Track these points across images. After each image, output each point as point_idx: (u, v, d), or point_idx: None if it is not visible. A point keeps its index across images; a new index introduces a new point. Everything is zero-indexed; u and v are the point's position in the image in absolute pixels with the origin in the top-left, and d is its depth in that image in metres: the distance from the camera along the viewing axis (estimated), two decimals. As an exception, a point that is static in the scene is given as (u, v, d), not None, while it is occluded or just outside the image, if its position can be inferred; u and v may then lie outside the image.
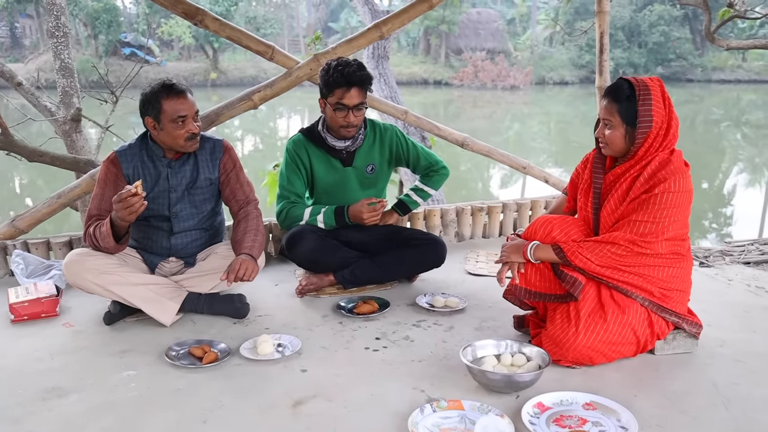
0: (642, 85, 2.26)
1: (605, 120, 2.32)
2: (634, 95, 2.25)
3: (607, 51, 3.99)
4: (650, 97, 2.24)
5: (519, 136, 20.01)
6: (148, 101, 2.66)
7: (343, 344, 2.54)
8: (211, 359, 2.36)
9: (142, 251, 2.90)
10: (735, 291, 3.14)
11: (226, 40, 3.45)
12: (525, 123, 22.62)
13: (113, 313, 2.73)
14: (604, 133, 2.33)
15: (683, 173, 2.24)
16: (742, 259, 3.90)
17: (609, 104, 2.30)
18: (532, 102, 26.95)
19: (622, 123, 2.28)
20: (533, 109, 25.39)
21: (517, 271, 2.41)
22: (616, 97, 2.28)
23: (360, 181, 3.13)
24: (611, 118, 2.30)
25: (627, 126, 2.27)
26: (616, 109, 2.28)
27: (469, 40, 31.57)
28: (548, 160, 16.64)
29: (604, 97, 2.33)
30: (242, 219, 2.83)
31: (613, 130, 2.30)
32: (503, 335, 2.61)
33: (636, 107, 2.25)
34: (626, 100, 2.26)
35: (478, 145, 4.10)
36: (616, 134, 2.30)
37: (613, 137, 2.30)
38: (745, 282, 3.26)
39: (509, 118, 23.39)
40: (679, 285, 2.34)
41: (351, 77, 2.83)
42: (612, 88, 2.32)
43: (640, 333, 2.30)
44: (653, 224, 2.22)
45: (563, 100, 27.41)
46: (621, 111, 2.27)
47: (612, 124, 2.30)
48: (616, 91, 2.29)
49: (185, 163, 2.81)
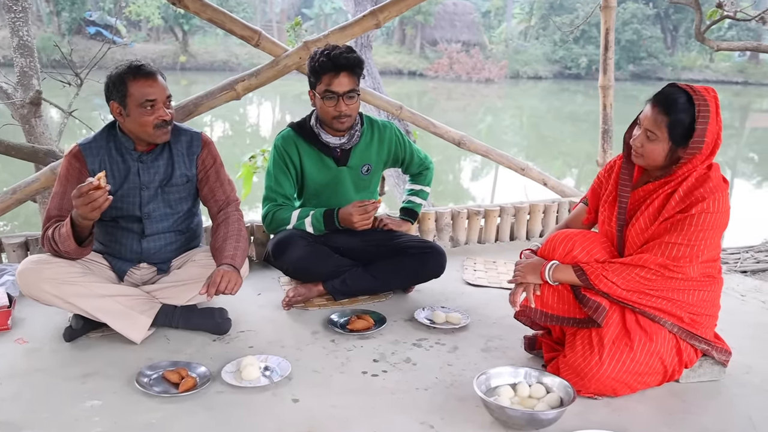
0: (702, 100, 1.98)
1: (648, 131, 2.04)
2: (691, 110, 1.99)
3: (612, 48, 3.78)
4: (708, 115, 1.98)
5: (491, 129, 19.90)
6: (114, 84, 2.36)
7: (337, 367, 2.28)
8: (189, 386, 2.08)
9: (110, 257, 2.59)
10: (751, 309, 2.96)
11: (200, 23, 3.14)
12: (498, 116, 22.54)
13: (75, 328, 2.42)
14: (643, 143, 2.07)
15: (722, 191, 2.02)
16: (739, 268, 3.76)
17: (658, 115, 2.01)
18: (506, 95, 26.89)
19: (668, 139, 2.02)
20: (507, 103, 25.33)
21: (533, 294, 2.17)
22: (669, 109, 2.00)
23: (354, 182, 2.86)
24: (657, 132, 2.02)
25: (673, 144, 2.02)
26: (666, 123, 2.01)
27: (445, 31, 31.30)
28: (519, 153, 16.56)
29: (654, 105, 2.03)
30: (222, 222, 2.54)
31: (655, 144, 2.04)
32: (513, 357, 2.38)
33: (690, 124, 1.98)
34: (681, 113, 1.99)
35: (476, 145, 3.85)
36: (657, 149, 2.04)
37: (654, 152, 2.05)
38: (759, 299, 3.07)
39: (482, 111, 23.28)
40: (708, 309, 2.14)
41: (338, 60, 2.57)
42: (665, 97, 2.02)
43: (668, 362, 2.09)
44: (687, 247, 2.00)
45: (537, 95, 27.41)
46: (671, 127, 2.00)
47: (656, 138, 2.03)
48: (669, 102, 2.01)
49: (158, 157, 2.50)
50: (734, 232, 9.00)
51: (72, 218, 2.27)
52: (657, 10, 31.63)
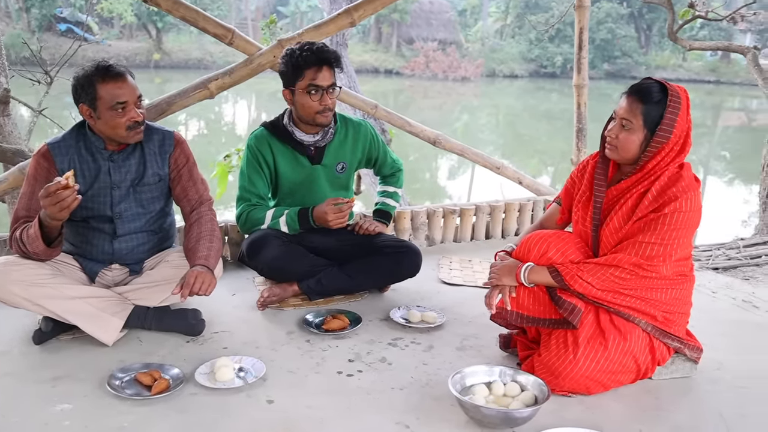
0: (675, 93, 2.03)
1: (624, 120, 2.06)
2: (665, 100, 2.03)
3: (587, 48, 3.81)
4: (679, 107, 2.03)
5: (467, 127, 19.98)
6: (82, 86, 2.31)
7: (312, 367, 2.27)
8: (162, 388, 2.05)
9: (80, 258, 2.54)
10: (722, 306, 3.01)
11: (173, 20, 3.09)
12: (474, 114, 22.64)
13: (44, 331, 2.37)
14: (618, 134, 2.08)
15: (694, 190, 2.05)
16: (711, 265, 3.81)
17: (634, 103, 2.05)
18: (482, 94, 27.00)
19: (643, 127, 2.04)
20: (483, 101, 25.45)
21: (509, 296, 2.18)
22: (645, 98, 2.03)
23: (329, 180, 2.84)
24: (632, 120, 2.05)
25: (648, 132, 2.05)
26: (641, 111, 2.03)
27: (421, 29, 31.31)
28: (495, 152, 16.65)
29: (630, 95, 2.07)
30: (195, 222, 2.51)
31: (630, 133, 2.06)
32: (488, 356, 2.38)
33: (662, 113, 2.02)
34: (655, 103, 2.03)
35: (451, 143, 3.86)
36: (632, 139, 2.06)
37: (629, 141, 2.06)
38: (730, 296, 3.13)
39: (459, 110, 23.37)
40: (681, 307, 2.17)
41: (321, 54, 2.57)
42: (641, 87, 2.07)
43: (641, 360, 2.11)
44: (661, 246, 2.02)
45: (513, 93, 27.58)
46: (646, 114, 2.03)
47: (632, 126, 2.05)
48: (645, 91, 2.04)
49: (130, 156, 2.46)
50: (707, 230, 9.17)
51: (40, 218, 2.22)
52: (631, 10, 31.99)
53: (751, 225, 8.34)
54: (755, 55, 5.25)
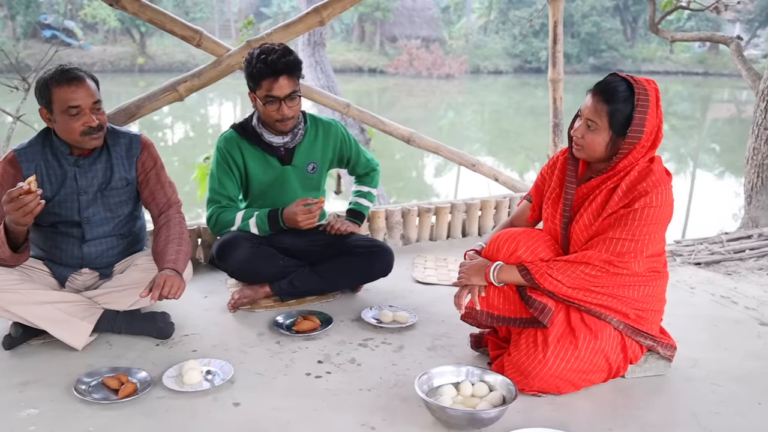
0: (642, 90, 2.00)
1: (589, 121, 2.04)
2: (631, 99, 2.00)
3: (561, 41, 3.80)
4: (647, 104, 1.99)
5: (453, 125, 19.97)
6: (40, 90, 2.30)
7: (281, 369, 2.25)
8: (129, 392, 2.03)
9: (50, 263, 2.52)
10: (699, 301, 3.00)
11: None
12: (459, 112, 22.62)
13: (14, 336, 2.35)
14: (583, 133, 2.07)
15: (665, 184, 2.03)
16: (693, 260, 3.82)
17: (598, 104, 2.02)
18: (466, 91, 26.98)
19: (608, 128, 2.02)
20: (468, 98, 25.43)
21: (478, 296, 2.17)
22: (609, 98, 2.00)
23: (300, 181, 2.83)
24: (597, 121, 2.02)
25: (613, 133, 2.03)
26: (606, 111, 2.01)
27: (404, 27, 31.26)
28: (481, 149, 16.67)
29: (595, 94, 2.03)
30: (163, 225, 2.49)
31: (595, 134, 2.04)
32: (459, 356, 2.38)
33: (630, 113, 1.99)
34: (621, 102, 2.00)
35: (425, 141, 3.85)
36: (597, 140, 2.04)
37: (594, 142, 2.05)
38: (708, 291, 3.13)
39: (444, 107, 23.35)
40: (654, 304, 2.15)
41: (275, 65, 2.52)
42: (606, 86, 2.03)
43: (613, 359, 2.10)
44: (632, 242, 2.00)
45: (497, 90, 27.59)
46: (611, 115, 2.01)
47: (597, 127, 2.03)
48: (610, 91, 2.01)
49: (96, 161, 2.44)
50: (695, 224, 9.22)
51: (5, 224, 2.20)
52: (616, 2, 31.95)
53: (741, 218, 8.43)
54: (739, 46, 5.21)
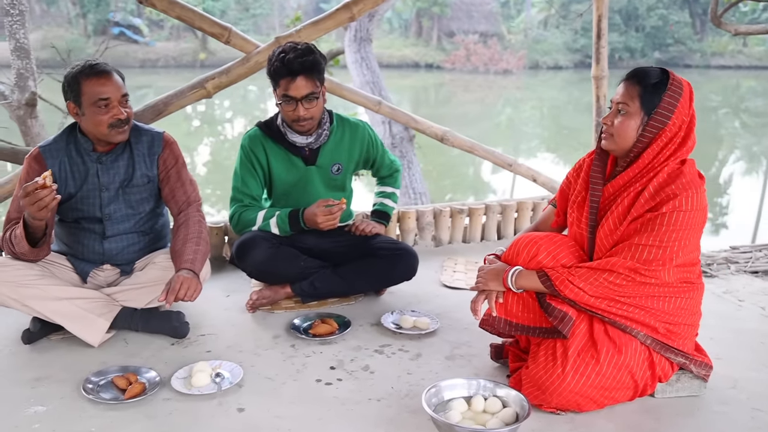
0: (677, 80, 1.91)
1: (620, 104, 1.93)
2: (664, 84, 1.89)
3: (606, 37, 3.61)
4: (679, 94, 1.89)
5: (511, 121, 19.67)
6: (69, 84, 2.34)
7: (292, 374, 2.20)
8: (135, 393, 2.02)
9: (73, 258, 2.54)
10: (747, 315, 2.77)
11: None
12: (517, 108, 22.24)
13: (33, 331, 2.38)
14: (614, 120, 1.94)
15: (697, 188, 1.88)
16: (750, 268, 3.57)
17: (630, 86, 1.92)
18: (524, 86, 26.50)
19: (641, 111, 1.90)
20: (526, 94, 24.98)
21: (495, 302, 2.06)
22: (642, 80, 1.90)
23: (325, 182, 2.76)
24: (629, 103, 1.91)
25: (645, 116, 1.91)
26: (638, 93, 1.90)
27: (462, 22, 30.93)
28: (540, 145, 16.37)
29: (627, 78, 1.94)
30: (182, 224, 2.48)
31: (627, 118, 1.92)
32: (478, 366, 2.27)
33: (661, 97, 1.88)
34: (653, 86, 1.89)
35: (460, 140, 3.72)
36: (629, 124, 1.92)
37: (625, 127, 1.92)
38: (759, 304, 2.89)
39: (501, 103, 23.00)
40: (687, 318, 1.98)
41: (292, 65, 2.46)
42: (639, 70, 1.94)
43: (639, 376, 1.95)
44: (659, 249, 1.85)
45: (557, 85, 26.97)
46: (644, 97, 1.89)
47: (628, 110, 1.92)
48: (643, 74, 1.92)
49: (119, 157, 2.45)
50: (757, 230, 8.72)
51: (24, 219, 2.23)
52: (685, -6, 30.82)
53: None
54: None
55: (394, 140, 6.23)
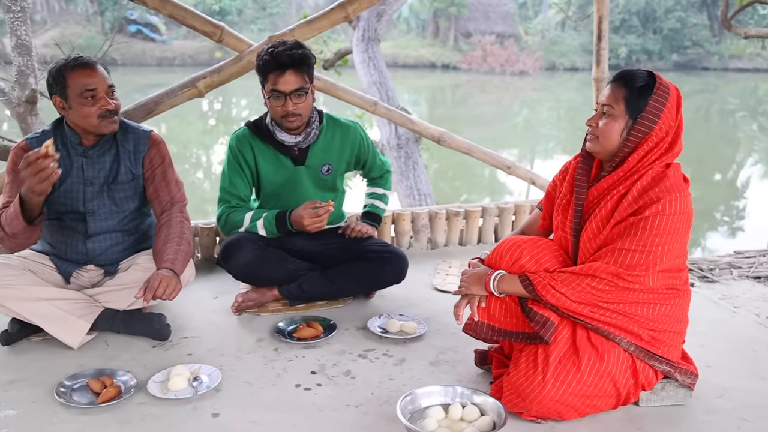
0: (664, 85, 1.85)
1: (605, 106, 1.89)
2: (650, 87, 1.84)
3: (607, 38, 3.54)
4: (666, 99, 1.84)
5: (527, 122, 19.52)
6: (53, 78, 2.33)
7: (271, 379, 2.16)
8: (109, 397, 1.99)
9: (56, 258, 2.52)
10: (741, 322, 2.69)
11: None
12: (534, 109, 22.08)
13: (11, 332, 2.36)
14: (598, 122, 1.90)
15: (681, 191, 1.82)
16: (752, 273, 3.48)
17: (616, 88, 1.87)
18: (541, 88, 26.31)
19: (625, 113, 1.85)
20: (543, 95, 24.78)
21: (478, 306, 2.01)
22: (628, 83, 1.86)
23: (314, 182, 2.72)
24: (614, 105, 1.86)
25: (630, 120, 1.85)
26: (623, 96, 1.85)
27: (479, 23, 30.78)
28: (557, 147, 16.25)
29: (613, 80, 1.90)
30: (164, 224, 2.45)
31: (611, 120, 1.87)
32: (462, 373, 2.21)
33: (647, 100, 1.83)
34: (639, 89, 1.84)
35: (457, 141, 3.66)
36: (613, 126, 1.87)
37: (609, 130, 1.87)
38: (755, 311, 2.81)
39: (518, 104, 22.85)
40: (672, 325, 1.92)
41: (281, 58, 2.43)
42: (625, 72, 1.90)
43: (621, 384, 1.89)
44: (642, 254, 1.80)
45: (573, 87, 26.72)
46: (629, 99, 1.85)
47: (613, 112, 1.87)
48: (629, 76, 1.87)
49: (105, 153, 2.44)
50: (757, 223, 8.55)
51: (21, 196, 2.18)
52: (703, -4, 30.45)
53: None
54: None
55: (399, 141, 6.18)
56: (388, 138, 6.28)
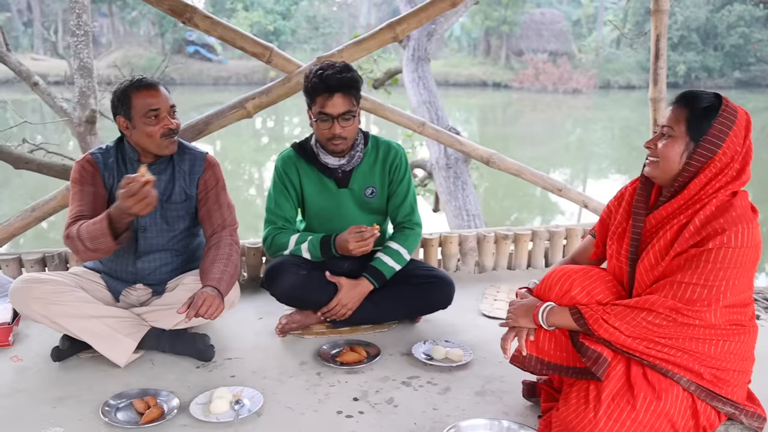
0: (731, 108, 1.75)
1: (665, 127, 1.79)
2: (715, 109, 1.74)
3: (665, 57, 3.42)
4: (732, 123, 1.73)
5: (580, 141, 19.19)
6: (118, 99, 2.38)
7: (313, 404, 2.12)
8: (152, 418, 1.99)
9: (107, 276, 2.57)
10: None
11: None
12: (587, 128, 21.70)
13: (61, 348, 2.40)
14: (657, 144, 1.80)
15: (748, 222, 1.70)
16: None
17: (678, 109, 1.78)
18: (594, 106, 25.86)
19: (686, 135, 1.76)
20: (596, 114, 24.34)
21: (526, 339, 1.93)
22: (691, 104, 1.76)
23: (359, 205, 2.69)
24: (674, 126, 1.77)
25: (692, 142, 1.76)
26: (685, 116, 1.76)
27: (531, 41, 30.58)
28: (611, 166, 15.89)
29: (676, 101, 1.81)
30: (213, 246, 2.46)
31: (671, 141, 1.77)
32: (509, 404, 2.13)
33: (711, 123, 1.73)
34: (702, 111, 1.74)
35: (507, 163, 3.59)
36: (674, 148, 1.77)
37: (668, 151, 1.77)
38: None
39: (570, 123, 22.51)
40: (737, 364, 1.80)
41: (329, 81, 2.42)
42: (689, 92, 1.81)
43: (680, 426, 1.77)
44: (704, 288, 1.69)
45: (629, 105, 26.18)
46: (691, 120, 1.75)
47: (673, 133, 1.77)
48: (692, 97, 1.78)
49: (162, 172, 2.48)
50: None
51: (111, 216, 2.19)
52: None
53: None
54: None
55: (448, 161, 6.12)
56: (437, 158, 6.23)
